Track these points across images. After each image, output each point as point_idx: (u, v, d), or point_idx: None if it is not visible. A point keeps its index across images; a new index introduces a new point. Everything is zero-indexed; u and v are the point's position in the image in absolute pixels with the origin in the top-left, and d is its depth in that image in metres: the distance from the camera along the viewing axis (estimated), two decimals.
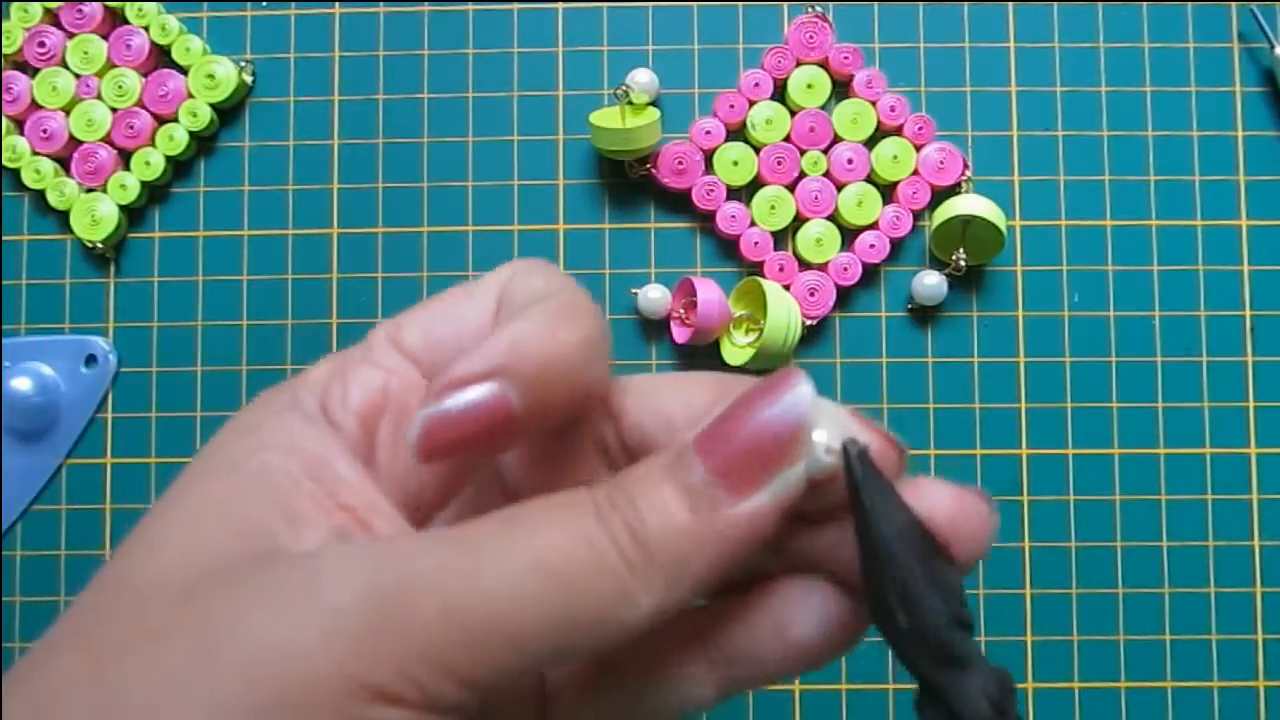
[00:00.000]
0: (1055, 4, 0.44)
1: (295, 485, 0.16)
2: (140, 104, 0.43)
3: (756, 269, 0.43)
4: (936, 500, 0.17)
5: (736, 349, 0.43)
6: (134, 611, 0.15)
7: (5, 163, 0.43)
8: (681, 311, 0.43)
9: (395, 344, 0.18)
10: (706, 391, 0.18)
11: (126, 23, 0.43)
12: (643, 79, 0.42)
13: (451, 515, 0.19)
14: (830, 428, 0.16)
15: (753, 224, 0.43)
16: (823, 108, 0.43)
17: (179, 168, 0.44)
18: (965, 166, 0.43)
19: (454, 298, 0.18)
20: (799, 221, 0.43)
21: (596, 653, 0.15)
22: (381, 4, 0.44)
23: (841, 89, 0.43)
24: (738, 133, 0.43)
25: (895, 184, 0.43)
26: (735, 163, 0.43)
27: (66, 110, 0.43)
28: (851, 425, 0.16)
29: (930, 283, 0.42)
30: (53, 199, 0.43)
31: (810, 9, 0.43)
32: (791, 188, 0.43)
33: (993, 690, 0.16)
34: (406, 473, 0.18)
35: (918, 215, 0.43)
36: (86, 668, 0.14)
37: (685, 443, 0.16)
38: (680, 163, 0.42)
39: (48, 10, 0.43)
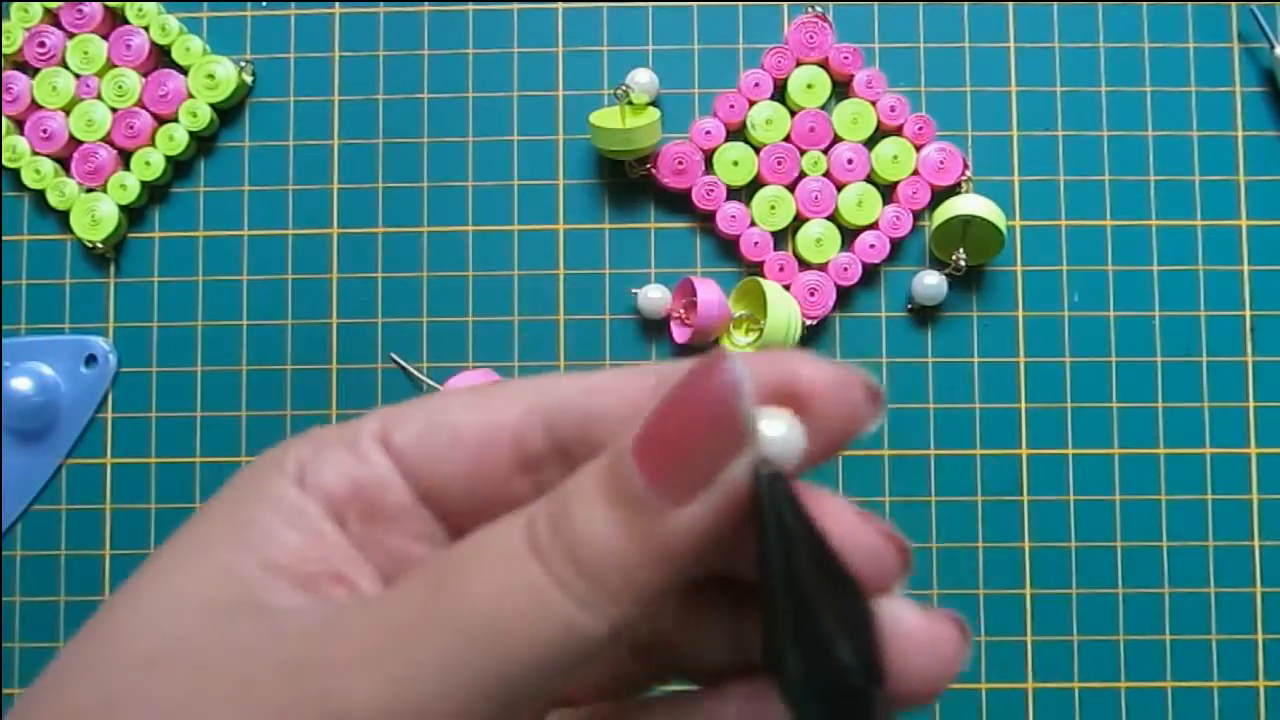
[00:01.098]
0: (1055, 4, 0.44)
1: (270, 537, 0.16)
2: (140, 104, 0.43)
3: (756, 269, 0.43)
4: (902, 624, 0.15)
5: (736, 349, 0.43)
6: (102, 676, 0.15)
7: (5, 163, 0.43)
8: (681, 311, 0.43)
9: (383, 441, 0.17)
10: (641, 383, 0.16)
11: (126, 23, 0.43)
12: (643, 79, 0.42)
13: None
14: (776, 425, 0.14)
15: (753, 224, 0.43)
16: (823, 108, 0.43)
17: (179, 168, 0.44)
18: (965, 166, 0.43)
19: (465, 407, 0.17)
20: (799, 221, 0.43)
21: (568, 677, 0.15)
22: (381, 4, 0.44)
23: (841, 89, 0.43)
24: (738, 133, 0.43)
25: (895, 184, 0.43)
26: (735, 163, 0.43)
27: (66, 110, 0.43)
28: (799, 445, 0.14)
29: (930, 283, 0.42)
30: (53, 199, 0.43)
31: (810, 9, 0.43)
32: (791, 188, 0.43)
33: None
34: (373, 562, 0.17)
35: (918, 215, 0.43)
36: None
37: (621, 448, 0.14)
38: (680, 163, 0.42)
39: (48, 10, 0.43)
